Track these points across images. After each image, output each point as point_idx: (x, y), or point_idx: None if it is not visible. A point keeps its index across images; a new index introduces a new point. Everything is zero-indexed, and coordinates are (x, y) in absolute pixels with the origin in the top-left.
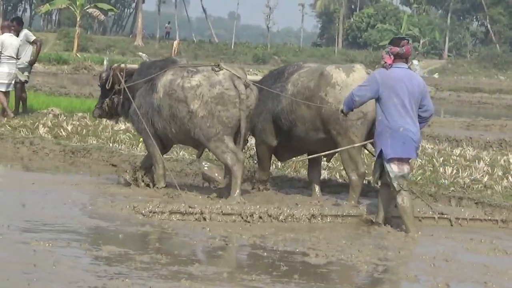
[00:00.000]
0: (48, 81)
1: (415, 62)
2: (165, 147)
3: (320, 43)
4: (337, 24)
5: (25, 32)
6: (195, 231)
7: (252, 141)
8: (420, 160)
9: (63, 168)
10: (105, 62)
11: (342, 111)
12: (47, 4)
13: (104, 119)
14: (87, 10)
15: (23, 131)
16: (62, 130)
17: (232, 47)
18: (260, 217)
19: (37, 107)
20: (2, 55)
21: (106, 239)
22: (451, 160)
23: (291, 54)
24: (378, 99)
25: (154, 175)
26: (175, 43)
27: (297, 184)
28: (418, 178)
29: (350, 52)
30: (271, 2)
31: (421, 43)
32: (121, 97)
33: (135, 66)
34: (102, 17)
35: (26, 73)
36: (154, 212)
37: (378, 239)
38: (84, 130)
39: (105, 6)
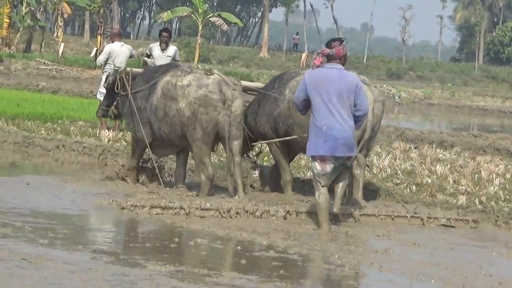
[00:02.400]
0: None
1: None
2: (165, 150)
3: (459, 58)
4: (477, 38)
5: (176, 49)
6: (323, 258)
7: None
8: None
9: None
10: (112, 66)
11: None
12: (168, 11)
13: None
14: (210, 19)
15: None
16: None
17: (364, 60)
18: (237, 213)
19: None
20: (110, 64)
21: (228, 264)
22: None
23: (428, 69)
24: (309, 99)
25: (128, 170)
26: (303, 55)
27: None
28: None
29: (491, 68)
30: (407, 13)
31: None
32: (125, 99)
33: (140, 70)
34: (225, 27)
35: None
36: (135, 206)
37: None
38: None
39: (230, 17)
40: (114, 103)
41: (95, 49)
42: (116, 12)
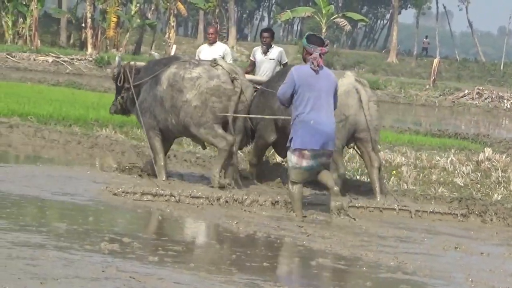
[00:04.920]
0: None
1: None
2: (167, 140)
3: None
4: None
5: (280, 50)
6: (455, 281)
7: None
8: None
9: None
10: (117, 58)
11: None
12: (289, 11)
13: None
14: (334, 20)
15: None
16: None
17: (502, 67)
18: (227, 201)
19: None
20: None
21: (351, 287)
22: None
23: None
24: (294, 93)
25: (155, 166)
26: (435, 61)
27: None
28: None
29: None
30: None
31: None
32: (131, 92)
33: (143, 63)
34: (348, 27)
35: None
36: (127, 193)
37: None
38: None
39: (355, 16)
40: (120, 96)
41: None
42: (233, 12)
